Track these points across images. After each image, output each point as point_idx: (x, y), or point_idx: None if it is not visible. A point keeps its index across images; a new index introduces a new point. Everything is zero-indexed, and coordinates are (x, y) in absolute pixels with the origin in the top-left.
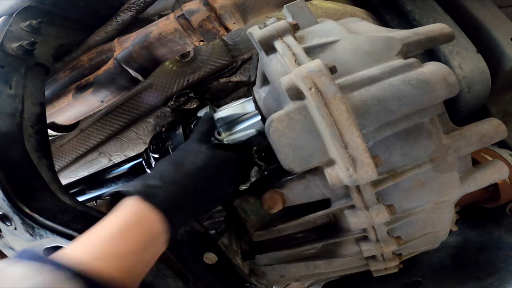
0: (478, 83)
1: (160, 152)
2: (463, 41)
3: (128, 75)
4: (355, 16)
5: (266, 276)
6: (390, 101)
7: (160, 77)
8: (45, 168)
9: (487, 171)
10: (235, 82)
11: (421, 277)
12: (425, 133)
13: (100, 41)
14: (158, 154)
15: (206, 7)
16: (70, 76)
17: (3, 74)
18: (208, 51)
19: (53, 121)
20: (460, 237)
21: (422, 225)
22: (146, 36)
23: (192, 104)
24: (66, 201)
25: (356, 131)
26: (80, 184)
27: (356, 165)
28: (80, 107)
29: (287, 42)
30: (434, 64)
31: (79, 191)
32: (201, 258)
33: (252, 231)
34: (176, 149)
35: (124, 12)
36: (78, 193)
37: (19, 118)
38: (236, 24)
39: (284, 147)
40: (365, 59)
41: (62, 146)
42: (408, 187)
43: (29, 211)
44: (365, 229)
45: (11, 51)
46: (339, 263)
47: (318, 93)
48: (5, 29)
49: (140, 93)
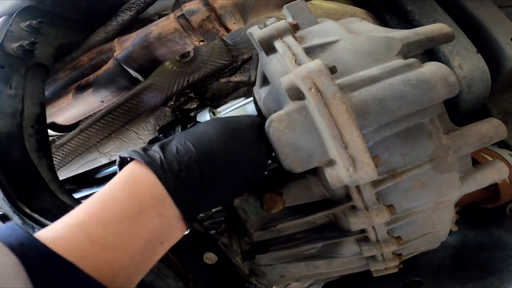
0: (478, 83)
1: None
2: (463, 41)
3: (128, 75)
4: (355, 16)
5: (266, 276)
6: (390, 101)
7: (160, 77)
8: (45, 168)
9: (487, 171)
10: (235, 82)
11: (421, 277)
12: (425, 133)
13: (100, 41)
14: None
15: (206, 7)
16: (70, 76)
17: (3, 74)
18: (208, 51)
19: (53, 121)
20: (460, 237)
21: (422, 225)
22: (146, 36)
23: (192, 104)
24: (66, 201)
25: (356, 131)
26: (72, 182)
27: (356, 165)
28: (80, 107)
29: (287, 42)
30: (434, 64)
31: (74, 188)
32: (201, 258)
33: (252, 231)
34: None
35: (124, 12)
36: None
37: (19, 118)
38: (236, 24)
39: (284, 147)
40: (365, 59)
41: (62, 146)
42: (408, 187)
43: (29, 211)
44: (365, 229)
45: (11, 51)
46: (339, 263)
47: (318, 93)
48: (5, 29)
49: (140, 93)
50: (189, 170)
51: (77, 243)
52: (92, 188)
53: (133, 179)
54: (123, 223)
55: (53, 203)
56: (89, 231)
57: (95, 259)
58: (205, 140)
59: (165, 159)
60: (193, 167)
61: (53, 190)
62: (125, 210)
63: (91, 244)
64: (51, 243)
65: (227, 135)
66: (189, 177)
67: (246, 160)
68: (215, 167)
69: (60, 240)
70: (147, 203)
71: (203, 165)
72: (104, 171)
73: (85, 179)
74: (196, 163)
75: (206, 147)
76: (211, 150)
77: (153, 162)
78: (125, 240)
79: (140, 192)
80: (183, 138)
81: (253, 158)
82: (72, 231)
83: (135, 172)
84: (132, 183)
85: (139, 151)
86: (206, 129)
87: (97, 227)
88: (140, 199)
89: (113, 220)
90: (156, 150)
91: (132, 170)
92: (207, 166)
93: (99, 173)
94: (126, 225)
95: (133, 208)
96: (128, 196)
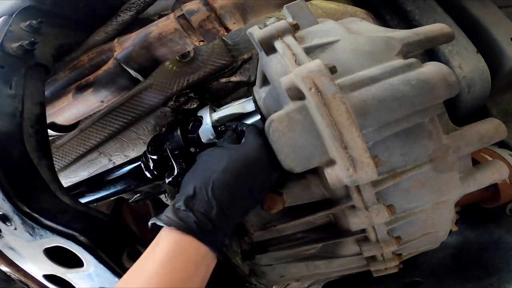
0: (478, 83)
1: (158, 154)
2: (463, 41)
3: (128, 75)
4: (355, 16)
5: (266, 276)
6: (390, 101)
7: (160, 77)
8: (45, 168)
9: (487, 171)
10: (235, 82)
11: (421, 277)
12: (425, 133)
13: (100, 41)
14: (157, 156)
15: (206, 7)
16: (70, 76)
17: (3, 74)
18: (208, 51)
19: (53, 121)
20: (460, 237)
21: (422, 225)
22: (146, 36)
23: (192, 104)
24: (66, 201)
25: (356, 131)
26: (79, 186)
27: (356, 165)
28: (80, 107)
29: (287, 42)
30: (434, 64)
31: (78, 193)
32: None
33: (252, 231)
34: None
35: (124, 12)
36: (77, 195)
37: (19, 118)
38: (236, 24)
39: (284, 147)
40: (365, 59)
41: (62, 146)
42: (408, 187)
43: (29, 211)
44: (365, 229)
45: (11, 51)
46: (339, 263)
47: (318, 93)
48: (5, 29)
49: (140, 93)
50: (219, 223)
51: None
52: (101, 191)
53: (181, 247)
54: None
55: (53, 203)
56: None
57: None
58: (224, 189)
59: (198, 221)
60: (222, 219)
61: (53, 190)
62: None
63: None
64: None
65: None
66: (220, 229)
67: (261, 184)
68: (236, 207)
69: None
70: (197, 261)
71: (228, 211)
72: (114, 173)
73: (94, 182)
74: (223, 214)
75: (227, 197)
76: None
77: (192, 229)
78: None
79: (191, 257)
80: (203, 191)
81: (268, 179)
82: None
83: (181, 241)
84: (182, 252)
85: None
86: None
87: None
88: (193, 261)
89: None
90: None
91: (176, 240)
92: (230, 209)
93: (109, 176)
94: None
95: (190, 270)
96: (185, 261)
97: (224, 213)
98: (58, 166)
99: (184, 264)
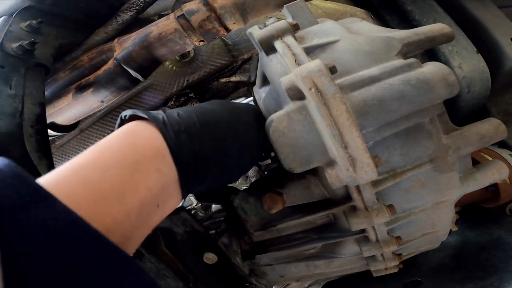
0: (478, 83)
1: None
2: (463, 41)
3: (128, 75)
4: (355, 16)
5: (266, 276)
6: (390, 101)
7: (160, 77)
8: (45, 168)
9: (487, 171)
10: (235, 82)
11: (421, 277)
12: (425, 133)
13: (100, 41)
14: None
15: (206, 7)
16: (70, 76)
17: (3, 74)
18: (208, 51)
19: (53, 121)
20: (460, 237)
21: (422, 225)
22: (146, 36)
23: (192, 104)
24: None
25: (356, 131)
26: None
27: (356, 165)
28: (80, 107)
29: (287, 42)
30: (434, 64)
31: None
32: (201, 258)
33: (252, 231)
34: None
35: (124, 12)
36: None
37: (19, 118)
38: (236, 24)
39: (284, 147)
40: (365, 59)
41: (62, 146)
42: (408, 187)
43: None
44: (365, 229)
45: (11, 51)
46: (339, 263)
47: (318, 93)
48: (5, 29)
49: (140, 93)
50: (189, 133)
51: (71, 187)
52: None
53: (134, 131)
54: (121, 169)
55: None
56: (85, 175)
57: (89, 208)
58: (208, 113)
59: (167, 118)
60: (194, 131)
61: None
62: (124, 157)
63: (86, 190)
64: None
65: (229, 113)
66: (189, 140)
67: (247, 139)
68: (215, 137)
69: (54, 183)
70: (147, 154)
71: (203, 132)
72: None
73: None
74: (196, 129)
75: (208, 118)
76: (213, 121)
77: (155, 119)
78: (122, 190)
79: (140, 142)
80: (185, 108)
81: (253, 140)
82: (65, 173)
83: (136, 126)
84: (132, 134)
85: (141, 110)
86: (208, 105)
87: (94, 171)
88: (140, 148)
89: (111, 165)
90: (159, 112)
91: (133, 124)
92: (208, 134)
93: None
94: (124, 173)
95: (132, 156)
96: (128, 144)
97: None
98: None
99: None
